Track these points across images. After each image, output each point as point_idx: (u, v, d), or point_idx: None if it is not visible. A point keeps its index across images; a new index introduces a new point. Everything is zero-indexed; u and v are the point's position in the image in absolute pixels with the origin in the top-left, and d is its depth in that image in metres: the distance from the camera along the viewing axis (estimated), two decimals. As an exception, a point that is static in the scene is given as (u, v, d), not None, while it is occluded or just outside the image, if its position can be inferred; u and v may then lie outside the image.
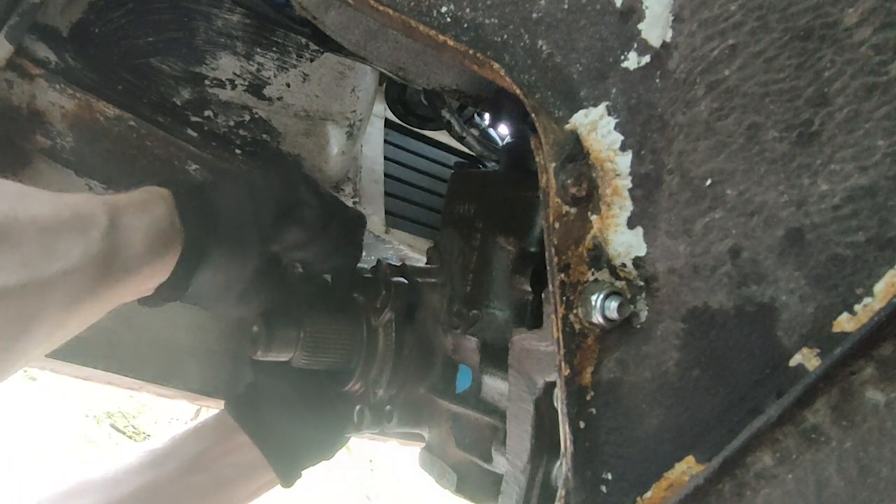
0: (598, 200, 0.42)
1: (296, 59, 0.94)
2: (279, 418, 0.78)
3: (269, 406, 0.78)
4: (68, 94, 0.82)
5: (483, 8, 0.43)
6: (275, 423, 0.77)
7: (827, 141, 0.39)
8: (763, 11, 0.39)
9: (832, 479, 0.39)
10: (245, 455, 0.76)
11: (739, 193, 0.40)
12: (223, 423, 0.77)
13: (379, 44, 0.66)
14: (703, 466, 0.40)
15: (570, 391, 0.41)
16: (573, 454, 0.41)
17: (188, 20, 0.87)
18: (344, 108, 0.99)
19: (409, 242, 1.11)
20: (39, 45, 0.81)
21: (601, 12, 0.41)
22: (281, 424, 0.77)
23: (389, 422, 0.77)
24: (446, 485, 0.76)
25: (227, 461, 0.75)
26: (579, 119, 0.42)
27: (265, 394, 0.79)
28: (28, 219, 0.49)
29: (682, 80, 0.41)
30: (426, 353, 0.79)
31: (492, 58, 0.43)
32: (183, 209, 0.61)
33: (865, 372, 0.39)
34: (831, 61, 0.38)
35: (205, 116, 0.91)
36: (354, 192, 1.06)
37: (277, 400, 0.79)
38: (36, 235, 0.49)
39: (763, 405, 0.39)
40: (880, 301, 0.38)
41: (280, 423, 0.77)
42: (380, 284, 0.78)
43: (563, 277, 0.42)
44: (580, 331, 0.41)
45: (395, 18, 0.45)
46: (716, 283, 0.40)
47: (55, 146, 0.88)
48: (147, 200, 0.60)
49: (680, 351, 0.41)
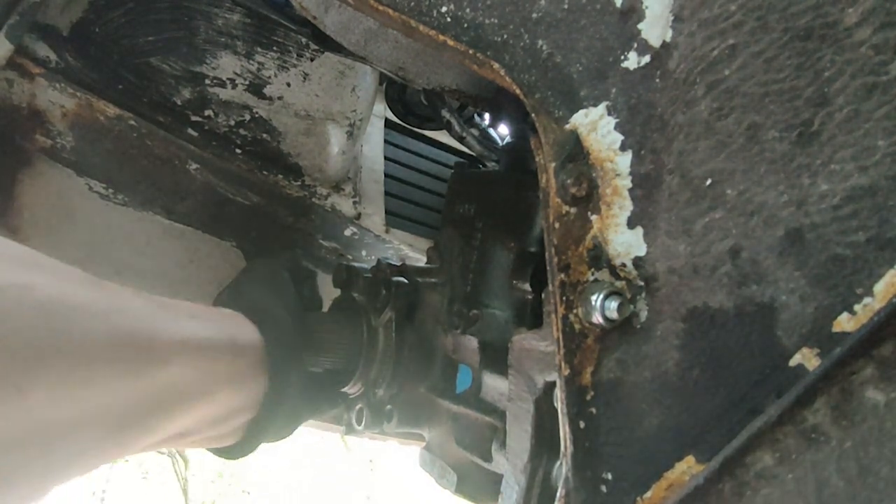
0: (598, 200, 0.42)
1: (296, 58, 0.94)
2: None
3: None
4: (68, 94, 0.82)
5: (483, 8, 0.43)
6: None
7: (827, 141, 0.39)
8: (763, 11, 0.39)
9: (832, 478, 0.39)
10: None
11: (739, 193, 0.40)
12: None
13: (379, 44, 0.66)
14: (703, 466, 0.40)
15: (570, 391, 0.41)
16: (573, 454, 0.41)
17: (188, 19, 0.87)
18: (344, 107, 0.99)
19: (409, 242, 1.11)
20: (40, 44, 0.81)
21: (601, 12, 0.41)
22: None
23: (389, 422, 0.77)
24: (446, 485, 0.76)
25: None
26: (579, 119, 0.42)
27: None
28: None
29: (682, 80, 0.41)
30: (426, 353, 0.79)
31: (492, 58, 0.43)
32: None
33: (865, 372, 0.39)
34: (831, 61, 0.38)
35: (205, 116, 0.91)
36: (354, 191, 1.06)
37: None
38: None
39: (763, 405, 0.39)
40: (880, 301, 0.38)
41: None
42: (380, 284, 0.78)
43: (563, 277, 0.42)
44: (580, 331, 0.41)
45: (395, 18, 0.45)
46: (716, 283, 0.40)
47: (55, 146, 0.88)
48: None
49: (680, 351, 0.41)
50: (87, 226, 0.94)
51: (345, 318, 0.78)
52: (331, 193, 1.02)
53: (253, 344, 0.61)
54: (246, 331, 0.62)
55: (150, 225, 0.99)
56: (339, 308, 0.83)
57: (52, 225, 0.91)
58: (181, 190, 0.95)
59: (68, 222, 0.92)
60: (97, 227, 0.94)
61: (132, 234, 0.97)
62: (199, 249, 1.03)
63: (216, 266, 1.04)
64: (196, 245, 1.02)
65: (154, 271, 0.99)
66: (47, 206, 0.91)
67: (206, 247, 1.03)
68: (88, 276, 0.47)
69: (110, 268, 0.95)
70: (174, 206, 0.98)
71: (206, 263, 1.03)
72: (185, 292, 1.01)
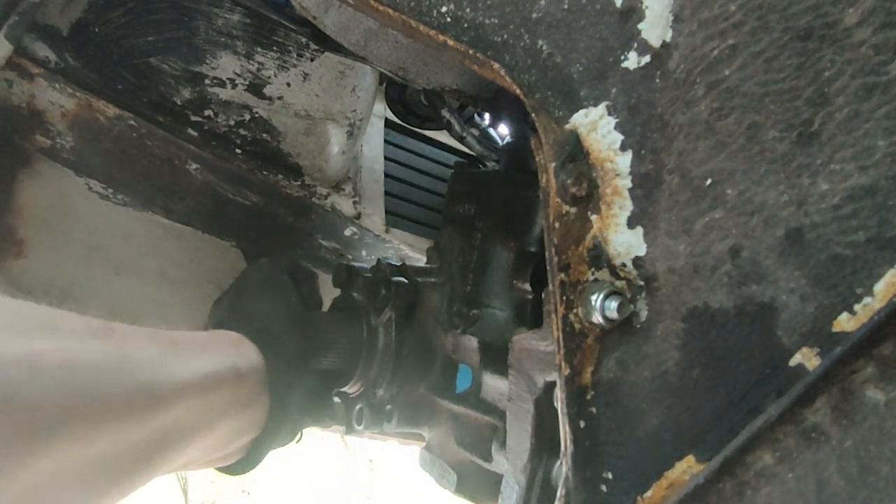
0: (598, 200, 0.42)
1: (296, 58, 0.94)
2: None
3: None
4: (68, 94, 0.82)
5: (483, 8, 0.43)
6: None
7: (827, 141, 0.39)
8: (763, 11, 0.39)
9: (832, 478, 0.39)
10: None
11: (739, 193, 0.40)
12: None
13: (379, 44, 0.66)
14: (704, 466, 0.40)
15: (570, 391, 0.41)
16: (573, 454, 0.41)
17: (188, 19, 0.87)
18: (344, 107, 0.99)
19: (409, 242, 1.11)
20: (39, 44, 0.81)
21: (601, 12, 0.41)
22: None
23: (389, 421, 0.77)
24: (446, 485, 0.76)
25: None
26: (579, 119, 0.42)
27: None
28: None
29: (682, 79, 0.41)
30: (426, 353, 0.79)
31: (492, 58, 0.43)
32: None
33: (865, 371, 0.39)
34: (831, 61, 0.38)
35: (205, 116, 0.91)
36: (354, 191, 1.06)
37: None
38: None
39: (763, 404, 0.39)
40: (880, 301, 0.38)
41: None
42: (380, 284, 0.78)
43: (563, 277, 0.42)
44: (580, 330, 0.41)
45: (395, 18, 0.45)
46: (716, 282, 0.40)
47: (55, 146, 0.88)
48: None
49: (680, 350, 0.41)
50: (87, 226, 0.94)
51: (345, 317, 0.78)
52: (331, 193, 1.02)
53: (255, 367, 0.62)
54: (248, 355, 0.62)
55: (150, 225, 0.99)
56: (339, 308, 0.83)
57: (52, 225, 0.91)
58: (181, 190, 0.95)
59: (68, 222, 0.92)
60: (97, 227, 0.94)
61: (132, 234, 0.97)
62: (199, 249, 1.03)
63: (216, 266, 1.04)
64: (196, 245, 1.02)
65: (154, 271, 0.99)
66: (47, 206, 0.90)
67: (206, 247, 1.03)
68: (95, 323, 0.46)
69: (110, 268, 0.95)
70: (174, 206, 0.98)
71: (206, 263, 1.03)
72: (185, 292, 1.01)
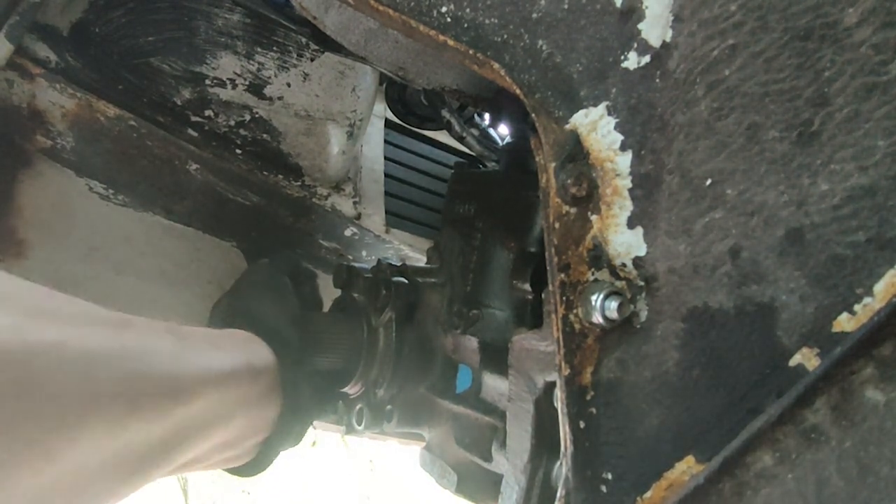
0: (598, 200, 0.42)
1: (296, 58, 0.94)
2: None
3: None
4: (68, 94, 0.82)
5: (483, 8, 0.43)
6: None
7: (827, 141, 0.39)
8: (763, 11, 0.39)
9: (832, 478, 0.39)
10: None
11: (739, 193, 0.40)
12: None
13: (379, 44, 0.66)
14: (703, 466, 0.40)
15: (570, 391, 0.41)
16: (573, 454, 0.41)
17: (188, 19, 0.87)
18: (344, 107, 0.99)
19: (409, 242, 1.11)
20: (39, 44, 0.81)
21: (601, 12, 0.41)
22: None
23: (389, 422, 0.77)
24: (446, 485, 0.76)
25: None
26: (579, 119, 0.42)
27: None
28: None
29: (682, 80, 0.41)
30: (426, 353, 0.79)
31: (492, 58, 0.43)
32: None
33: (865, 372, 0.39)
34: (831, 61, 0.38)
35: (205, 116, 0.91)
36: (354, 191, 1.06)
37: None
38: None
39: (763, 405, 0.39)
40: (880, 301, 0.38)
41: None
42: (380, 284, 0.78)
43: (563, 277, 0.42)
44: (580, 331, 0.41)
45: (395, 18, 0.45)
46: (716, 282, 0.40)
47: (55, 146, 0.88)
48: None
49: (680, 351, 0.41)
50: (87, 226, 0.94)
51: (345, 318, 0.78)
52: (331, 193, 1.02)
53: (267, 366, 0.62)
54: (261, 354, 0.63)
55: (150, 225, 0.99)
56: (340, 308, 0.83)
57: (52, 225, 0.91)
58: (181, 190, 0.95)
59: (68, 222, 0.92)
60: (97, 228, 0.94)
61: (132, 234, 0.97)
62: (199, 249, 1.03)
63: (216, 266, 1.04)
64: (196, 245, 1.02)
65: (154, 271, 0.99)
66: (47, 207, 0.90)
67: (206, 247, 1.03)
68: (114, 315, 0.47)
69: (110, 268, 0.95)
70: (174, 206, 0.98)
71: (206, 263, 1.03)
72: (185, 292, 1.01)
